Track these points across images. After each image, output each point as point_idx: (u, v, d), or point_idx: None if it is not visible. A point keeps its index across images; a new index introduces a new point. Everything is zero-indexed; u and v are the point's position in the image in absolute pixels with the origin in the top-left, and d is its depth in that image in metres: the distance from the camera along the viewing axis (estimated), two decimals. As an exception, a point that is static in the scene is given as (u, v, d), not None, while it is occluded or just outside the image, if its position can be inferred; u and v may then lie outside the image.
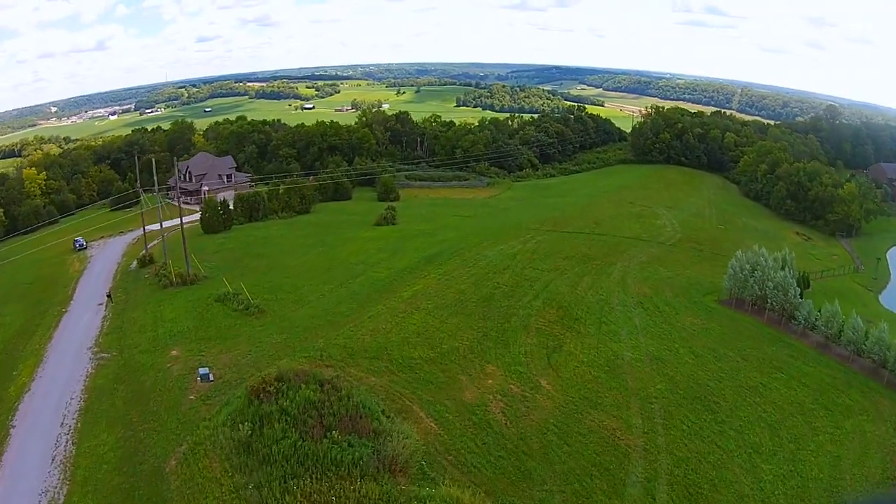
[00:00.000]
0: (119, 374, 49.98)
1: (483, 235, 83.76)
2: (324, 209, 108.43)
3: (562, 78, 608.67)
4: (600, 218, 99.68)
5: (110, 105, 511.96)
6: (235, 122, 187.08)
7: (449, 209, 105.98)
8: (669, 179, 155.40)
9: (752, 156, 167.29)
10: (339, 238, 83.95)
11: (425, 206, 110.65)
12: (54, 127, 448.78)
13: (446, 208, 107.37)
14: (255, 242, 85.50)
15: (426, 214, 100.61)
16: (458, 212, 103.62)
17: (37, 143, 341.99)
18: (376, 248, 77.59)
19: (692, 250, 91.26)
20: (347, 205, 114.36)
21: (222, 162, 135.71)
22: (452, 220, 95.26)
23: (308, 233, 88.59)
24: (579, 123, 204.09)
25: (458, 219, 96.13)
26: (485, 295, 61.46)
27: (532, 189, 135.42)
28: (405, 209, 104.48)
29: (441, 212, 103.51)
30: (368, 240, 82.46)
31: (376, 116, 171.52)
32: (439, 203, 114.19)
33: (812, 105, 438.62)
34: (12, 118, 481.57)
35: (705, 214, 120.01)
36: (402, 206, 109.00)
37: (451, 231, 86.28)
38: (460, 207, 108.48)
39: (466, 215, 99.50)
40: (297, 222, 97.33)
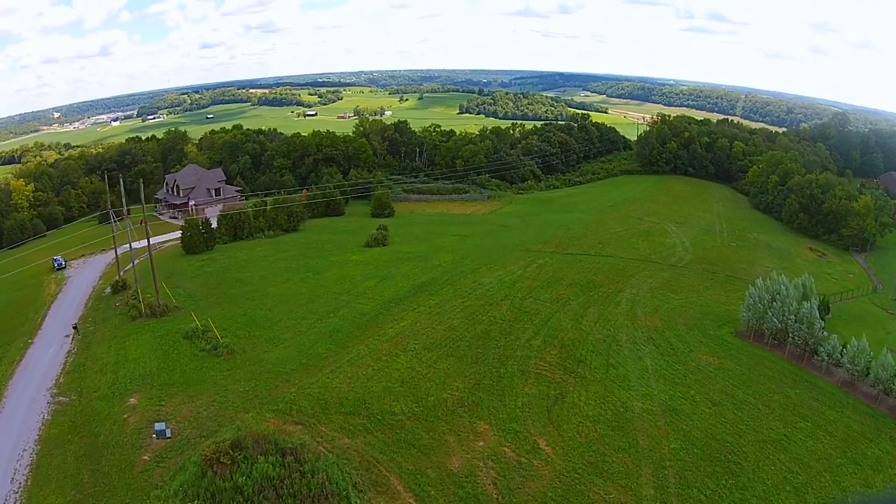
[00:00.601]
0: (75, 422, 45.50)
1: (480, 259, 77.51)
2: (314, 227, 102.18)
3: (565, 85, 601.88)
4: (606, 237, 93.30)
5: (113, 111, 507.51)
6: (231, 130, 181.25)
7: (445, 227, 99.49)
8: (677, 191, 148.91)
9: (762, 166, 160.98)
10: (326, 261, 77.73)
11: (421, 223, 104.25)
12: (57, 133, 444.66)
13: (443, 226, 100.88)
14: (236, 265, 79.37)
15: (421, 234, 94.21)
16: (455, 230, 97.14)
17: (36, 150, 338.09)
18: (364, 275, 71.33)
19: (704, 273, 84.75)
20: (339, 221, 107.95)
21: (211, 175, 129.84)
22: (448, 240, 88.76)
23: (293, 255, 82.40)
24: (583, 132, 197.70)
25: (454, 239, 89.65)
26: (479, 332, 55.21)
27: (534, 203, 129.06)
28: (399, 227, 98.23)
29: (437, 230, 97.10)
30: (356, 264, 76.22)
31: (374, 126, 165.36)
32: (436, 220, 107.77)
33: (816, 111, 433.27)
34: (15, 124, 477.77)
35: (716, 230, 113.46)
36: (397, 223, 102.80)
37: (446, 254, 79.95)
38: (458, 225, 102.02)
39: (464, 234, 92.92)
40: (284, 242, 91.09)
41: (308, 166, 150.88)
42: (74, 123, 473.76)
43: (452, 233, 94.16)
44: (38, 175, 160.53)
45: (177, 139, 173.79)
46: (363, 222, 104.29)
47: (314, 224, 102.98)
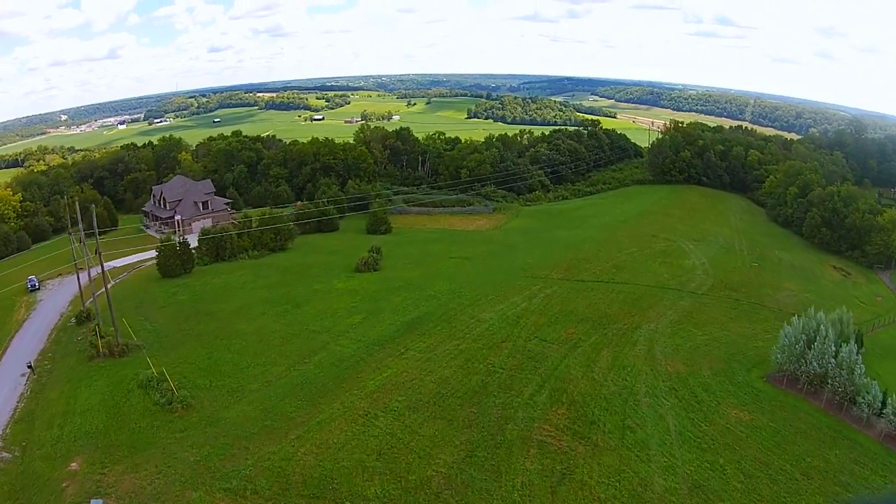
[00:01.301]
0: (13, 488, 39.94)
1: (481, 288, 69.59)
2: (303, 245, 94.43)
3: (574, 89, 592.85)
4: (620, 259, 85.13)
5: (120, 114, 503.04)
6: (228, 137, 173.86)
7: (445, 247, 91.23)
8: (692, 203, 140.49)
9: (779, 176, 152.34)
10: (308, 290, 70.01)
11: (418, 242, 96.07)
12: (63, 135, 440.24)
13: (442, 246, 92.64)
14: (210, 294, 71.82)
15: (417, 256, 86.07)
16: (455, 251, 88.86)
17: (39, 153, 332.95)
18: (348, 308, 63.57)
19: (728, 300, 76.53)
20: (331, 239, 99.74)
21: (200, 186, 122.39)
22: (447, 264, 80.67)
23: (274, 281, 74.67)
24: (593, 140, 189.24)
25: (454, 263, 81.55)
26: (475, 385, 47.33)
27: (542, 217, 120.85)
28: (394, 247, 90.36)
29: (435, 251, 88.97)
30: (342, 294, 68.42)
31: (375, 134, 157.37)
32: (435, 238, 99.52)
33: (825, 115, 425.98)
34: (22, 126, 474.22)
35: (735, 248, 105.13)
36: (393, 241, 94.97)
37: (443, 281, 72.01)
38: (459, 245, 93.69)
39: (464, 257, 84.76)
40: (267, 265, 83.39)
41: (305, 176, 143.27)
42: (81, 126, 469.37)
43: (452, 254, 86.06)
44: (27, 184, 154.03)
45: (171, 146, 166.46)
46: (357, 240, 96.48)
47: (304, 242, 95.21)
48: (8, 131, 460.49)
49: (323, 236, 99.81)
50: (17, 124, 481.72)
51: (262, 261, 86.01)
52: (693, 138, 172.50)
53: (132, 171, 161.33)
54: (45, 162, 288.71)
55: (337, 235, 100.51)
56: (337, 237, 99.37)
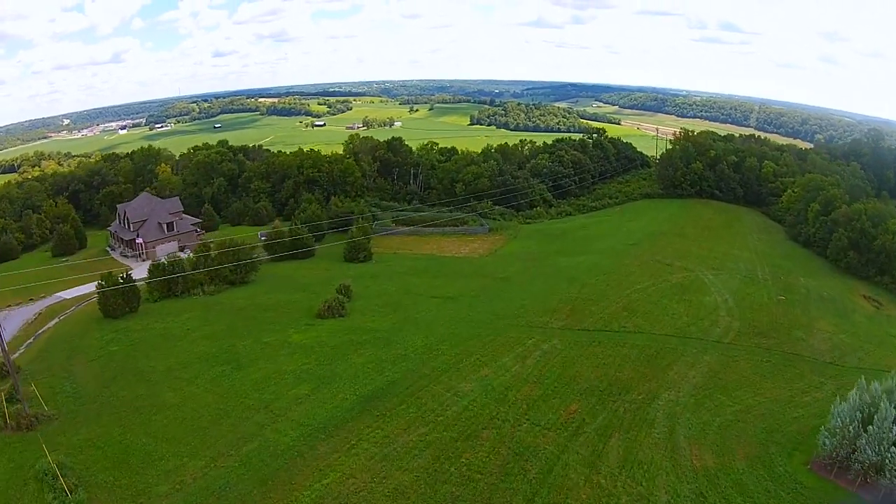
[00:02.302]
0: None
1: (464, 343, 56.58)
2: (268, 276, 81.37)
3: (578, 95, 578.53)
4: (631, 297, 71.99)
5: (123, 118, 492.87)
6: (213, 146, 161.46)
7: (429, 282, 77.82)
8: (705, 220, 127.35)
9: (798, 191, 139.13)
10: (257, 344, 57.13)
11: (399, 274, 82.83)
12: (65, 140, 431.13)
13: (426, 279, 79.27)
14: (147, 345, 59.23)
15: (394, 294, 72.57)
16: (439, 287, 75.03)
17: (35, 159, 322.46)
18: (298, 373, 50.60)
19: (757, 350, 63.51)
20: (303, 268, 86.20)
21: (166, 205, 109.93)
22: (427, 306, 67.29)
23: (221, 329, 61.76)
24: (598, 150, 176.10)
25: (436, 304, 68.10)
26: (442, 500, 34.61)
27: (543, 238, 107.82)
28: (370, 281, 77.33)
29: (416, 287, 75.45)
30: (295, 350, 55.38)
31: (364, 144, 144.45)
32: (420, 268, 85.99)
33: (831, 122, 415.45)
34: (24, 130, 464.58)
35: (758, 276, 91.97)
36: (371, 273, 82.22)
37: (418, 333, 58.87)
38: (445, 278, 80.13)
39: (449, 296, 71.03)
40: (221, 304, 70.35)
41: (288, 190, 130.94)
42: (83, 131, 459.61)
43: (435, 292, 72.75)
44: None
45: (149, 158, 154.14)
46: (331, 271, 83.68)
47: (271, 273, 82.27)
48: (10, 135, 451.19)
49: (295, 265, 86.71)
50: (20, 128, 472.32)
51: (217, 298, 73.25)
52: (704, 149, 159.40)
53: (109, 184, 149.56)
54: (41, 168, 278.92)
55: (310, 264, 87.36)
56: (309, 266, 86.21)
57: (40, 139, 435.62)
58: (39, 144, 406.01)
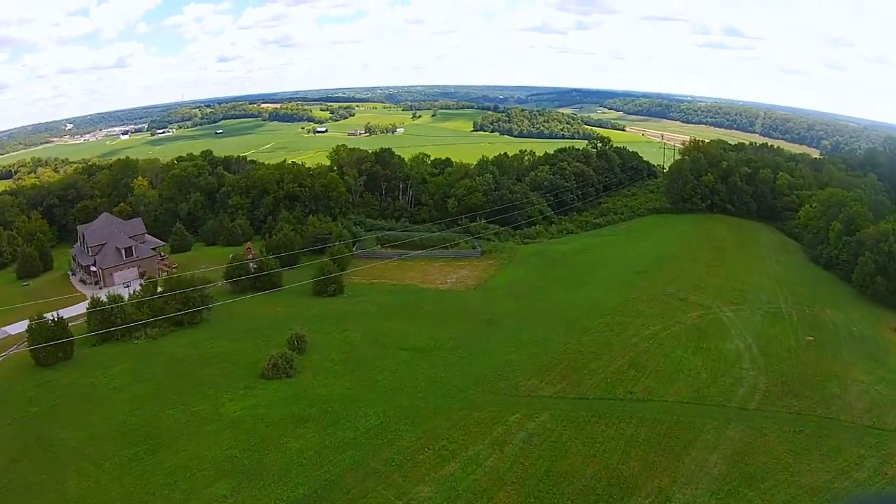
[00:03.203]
0: None
1: (429, 419, 43.96)
2: (224, 314, 68.80)
3: (582, 101, 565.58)
4: (639, 347, 59.48)
5: (126, 123, 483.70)
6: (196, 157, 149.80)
7: (401, 326, 64.29)
8: (719, 240, 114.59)
9: (816, 206, 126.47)
10: (184, 415, 44.86)
11: (369, 315, 68.99)
12: (67, 144, 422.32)
13: (399, 322, 65.94)
14: (68, 405, 47.48)
15: (357, 346, 58.78)
16: (412, 334, 60.89)
17: (32, 165, 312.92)
18: (219, 463, 38.11)
19: (788, 417, 50.99)
20: (262, 305, 72.46)
21: (127, 227, 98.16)
22: (393, 362, 54.06)
23: (151, 389, 49.49)
24: (602, 160, 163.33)
25: (404, 359, 54.95)
26: None
27: (540, 264, 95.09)
28: (334, 326, 64.30)
29: (386, 335, 61.82)
30: (225, 426, 42.88)
31: (349, 157, 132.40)
32: (394, 306, 72.63)
33: (837, 127, 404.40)
34: (27, 134, 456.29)
35: (782, 311, 79.27)
36: (337, 312, 69.49)
37: (375, 403, 46.10)
38: (422, 320, 66.31)
39: (422, 348, 57.70)
40: (159, 353, 57.67)
41: (267, 206, 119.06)
42: (86, 135, 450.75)
43: (407, 341, 59.80)
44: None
45: (126, 170, 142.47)
46: (294, 308, 71.30)
47: (226, 311, 69.89)
48: (13, 139, 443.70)
49: (255, 300, 74.30)
50: (23, 132, 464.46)
51: (158, 344, 61.03)
52: (716, 159, 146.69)
53: (84, 198, 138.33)
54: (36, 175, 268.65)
55: (273, 298, 74.91)
56: (271, 301, 73.45)
57: (43, 144, 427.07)
58: (41, 149, 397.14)
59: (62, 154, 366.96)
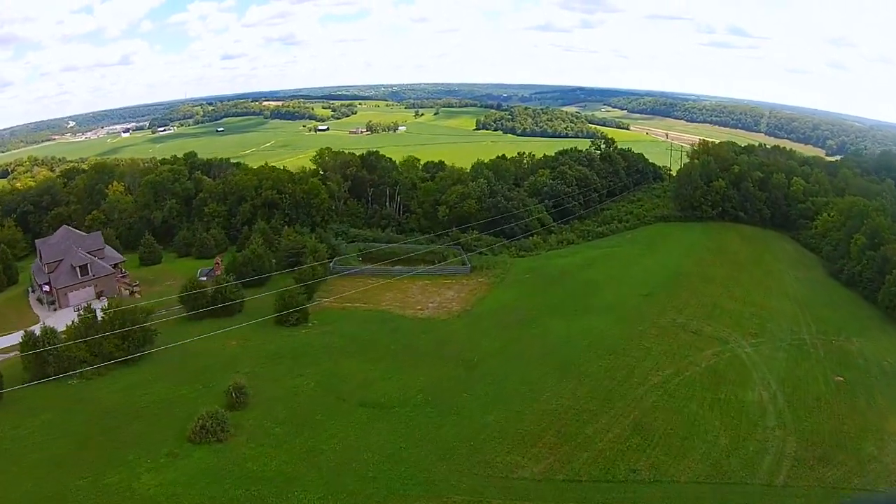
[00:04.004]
0: None
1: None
2: (165, 352, 58.92)
3: (586, 99, 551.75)
4: (646, 402, 48.76)
5: (129, 121, 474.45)
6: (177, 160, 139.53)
7: (366, 369, 52.62)
8: (732, 253, 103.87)
9: (835, 215, 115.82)
10: (93, 490, 34.47)
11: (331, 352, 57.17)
12: (68, 142, 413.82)
13: (364, 363, 54.08)
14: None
15: (308, 398, 47.85)
16: (374, 385, 50.12)
17: (29, 165, 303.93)
18: None
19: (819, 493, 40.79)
20: (214, 339, 62.46)
21: (87, 241, 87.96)
22: (348, 423, 42.84)
23: (66, 450, 39.49)
24: (606, 163, 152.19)
25: (361, 418, 43.49)
26: None
27: (536, 282, 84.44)
28: (285, 371, 53.27)
29: (346, 379, 50.97)
30: None
31: (333, 160, 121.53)
32: (362, 342, 60.69)
33: (842, 127, 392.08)
34: (29, 132, 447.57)
35: (806, 343, 68.67)
36: (294, 349, 58.57)
37: (315, 482, 35.44)
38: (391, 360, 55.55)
39: (383, 403, 46.50)
40: (88, 401, 46.93)
41: (245, 214, 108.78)
42: (87, 133, 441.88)
43: (368, 393, 48.74)
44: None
45: (102, 174, 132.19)
46: (251, 341, 60.49)
47: (176, 340, 59.67)
48: (14, 137, 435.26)
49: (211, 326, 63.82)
50: (25, 130, 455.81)
51: (90, 387, 50.84)
52: (727, 163, 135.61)
53: (59, 205, 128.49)
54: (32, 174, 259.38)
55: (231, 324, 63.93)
56: (226, 334, 63.22)
57: (44, 142, 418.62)
58: (42, 147, 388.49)
59: (63, 152, 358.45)
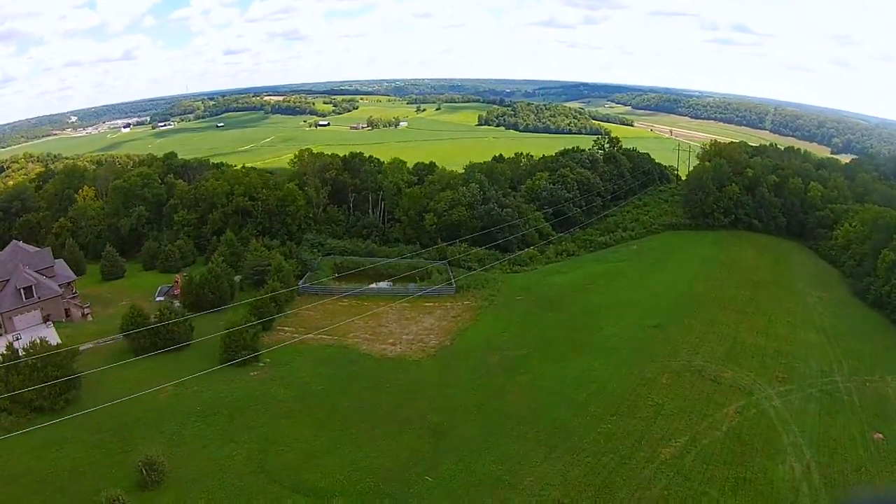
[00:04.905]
0: None
1: None
2: (102, 392, 47.56)
3: (590, 95, 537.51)
4: (655, 487, 37.66)
5: (131, 116, 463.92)
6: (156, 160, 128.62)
7: (310, 435, 40.07)
8: (749, 270, 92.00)
9: (857, 226, 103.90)
10: None
11: (273, 410, 44.91)
12: (69, 138, 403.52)
13: (309, 427, 41.93)
14: None
15: (232, 478, 35.66)
16: (313, 462, 36.43)
17: (24, 162, 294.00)
18: None
19: None
20: (157, 375, 49.43)
21: (35, 259, 76.91)
22: None
23: None
24: (611, 164, 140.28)
25: None
26: None
27: (529, 307, 72.56)
28: (217, 434, 41.41)
29: (282, 449, 38.49)
30: None
31: (312, 164, 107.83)
32: (313, 390, 49.24)
33: (848, 125, 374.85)
34: (30, 127, 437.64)
35: (840, 390, 56.75)
36: (233, 400, 47.11)
37: None
38: (340, 426, 43.48)
39: (319, 490, 35.76)
40: None
41: (215, 222, 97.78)
42: (88, 129, 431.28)
43: (304, 474, 37.39)
44: None
45: (73, 177, 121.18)
46: (189, 387, 49.40)
47: (106, 383, 48.59)
48: (15, 132, 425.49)
49: (152, 365, 52.64)
50: (27, 125, 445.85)
51: (4, 444, 40.30)
52: (740, 166, 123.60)
53: (29, 211, 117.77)
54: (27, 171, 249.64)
55: (171, 366, 53.05)
56: (164, 371, 50.79)
57: (44, 137, 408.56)
58: (43, 142, 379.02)
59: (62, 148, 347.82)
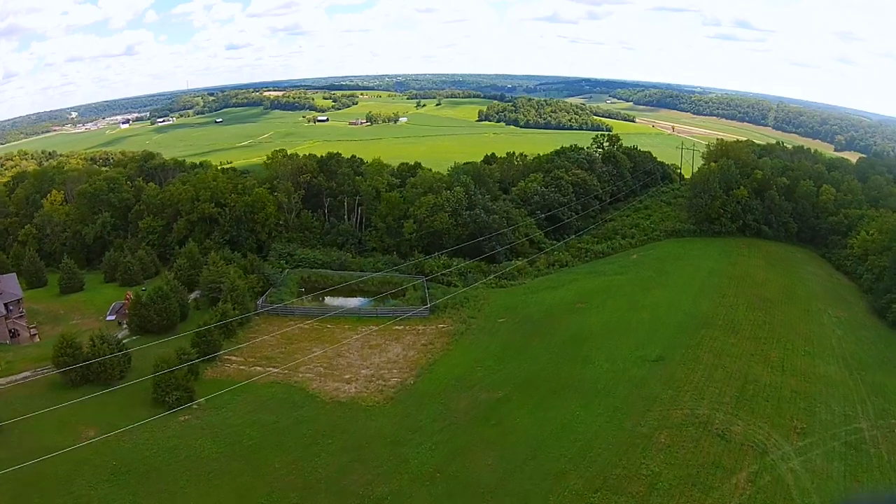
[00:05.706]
0: None
1: None
2: (25, 430, 38.60)
3: (591, 91, 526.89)
4: None
5: (131, 111, 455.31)
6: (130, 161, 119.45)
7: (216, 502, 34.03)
8: (759, 285, 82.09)
9: (875, 234, 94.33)
10: None
11: (188, 477, 36.25)
12: (68, 134, 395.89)
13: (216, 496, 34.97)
14: None
15: None
16: None
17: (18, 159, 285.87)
18: None
19: None
20: (78, 417, 41.99)
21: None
22: None
23: None
24: (610, 164, 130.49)
25: None
26: None
27: (511, 333, 63.60)
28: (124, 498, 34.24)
29: None
30: None
31: (284, 166, 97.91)
32: (241, 449, 38.55)
33: (851, 122, 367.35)
34: (30, 123, 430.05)
35: (865, 440, 47.49)
36: (157, 451, 37.92)
37: None
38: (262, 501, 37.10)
39: None
40: None
41: (180, 230, 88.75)
42: (87, 124, 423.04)
43: None
44: None
45: (43, 180, 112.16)
46: (114, 428, 40.42)
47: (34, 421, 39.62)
48: (15, 128, 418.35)
49: (72, 409, 43.82)
50: (27, 121, 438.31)
51: None
52: (748, 168, 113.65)
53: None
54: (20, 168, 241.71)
55: (96, 408, 44.04)
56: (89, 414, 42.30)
57: (44, 133, 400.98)
58: (42, 138, 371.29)
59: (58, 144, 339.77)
